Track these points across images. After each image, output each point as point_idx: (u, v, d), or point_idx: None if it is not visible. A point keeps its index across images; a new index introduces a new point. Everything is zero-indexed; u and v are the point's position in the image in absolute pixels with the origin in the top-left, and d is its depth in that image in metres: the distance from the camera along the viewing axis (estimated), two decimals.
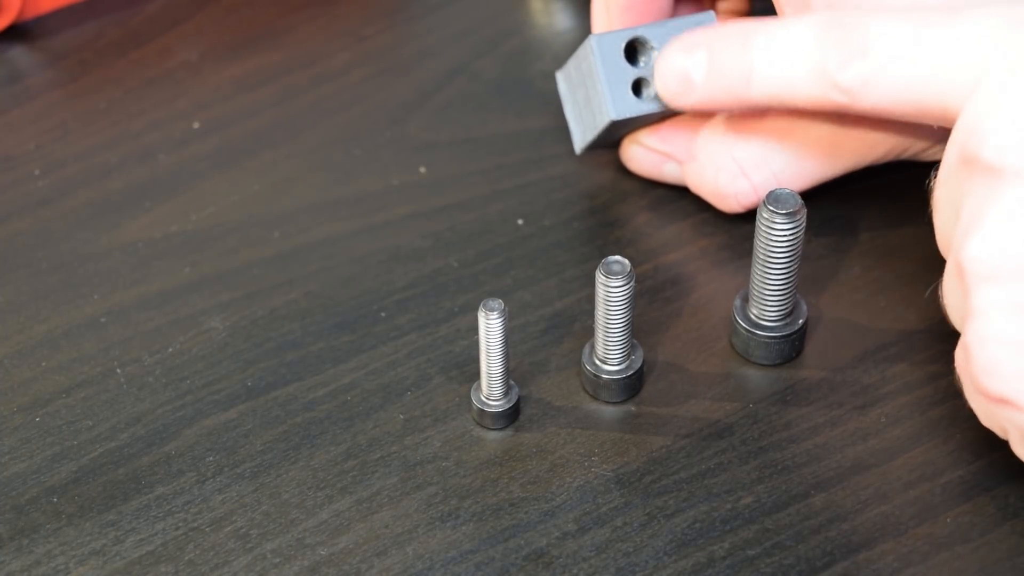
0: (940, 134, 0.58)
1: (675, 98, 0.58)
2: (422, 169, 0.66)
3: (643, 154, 0.63)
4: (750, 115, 0.60)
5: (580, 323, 0.60)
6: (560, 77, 0.63)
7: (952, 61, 0.51)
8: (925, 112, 0.52)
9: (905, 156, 0.60)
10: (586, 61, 0.60)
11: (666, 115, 0.61)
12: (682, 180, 0.62)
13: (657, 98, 0.60)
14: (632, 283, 0.54)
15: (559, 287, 0.61)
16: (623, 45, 0.60)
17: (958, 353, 0.51)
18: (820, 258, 0.62)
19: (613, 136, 0.62)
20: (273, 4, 0.74)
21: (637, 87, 0.60)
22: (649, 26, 0.60)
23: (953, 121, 0.51)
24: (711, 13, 0.60)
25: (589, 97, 0.61)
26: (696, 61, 0.57)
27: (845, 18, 0.53)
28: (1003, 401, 0.49)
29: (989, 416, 0.50)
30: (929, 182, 0.53)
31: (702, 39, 0.57)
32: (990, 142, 0.49)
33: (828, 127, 0.59)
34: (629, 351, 0.57)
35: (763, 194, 0.59)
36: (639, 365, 0.57)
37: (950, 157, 0.51)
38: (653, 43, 0.60)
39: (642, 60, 0.60)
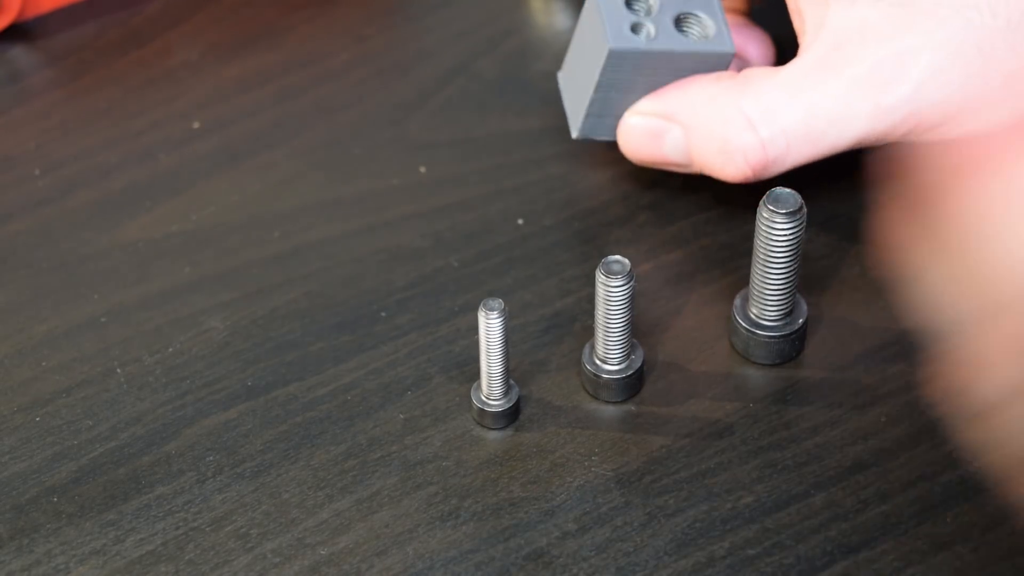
0: (955, 108, 0.58)
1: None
2: (422, 169, 0.66)
3: (643, 126, 0.61)
4: (760, 68, 0.60)
5: (580, 323, 0.60)
6: (560, 76, 0.63)
7: None
8: None
9: (918, 134, 0.59)
10: (588, 15, 0.61)
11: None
12: (685, 153, 0.61)
13: (655, 41, 0.60)
14: (632, 283, 0.54)
15: (559, 287, 0.61)
16: None
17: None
18: (820, 258, 0.62)
19: (610, 103, 0.61)
20: (273, 4, 0.74)
21: (634, 31, 0.60)
22: None
23: None
24: None
25: (588, 55, 0.61)
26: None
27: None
28: None
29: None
30: None
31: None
32: None
33: (842, 90, 0.58)
34: (629, 351, 0.57)
35: (771, 154, 0.58)
36: (639, 365, 0.57)
37: None
38: None
39: (639, 8, 0.60)
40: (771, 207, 0.55)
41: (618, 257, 0.54)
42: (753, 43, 0.67)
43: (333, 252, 0.63)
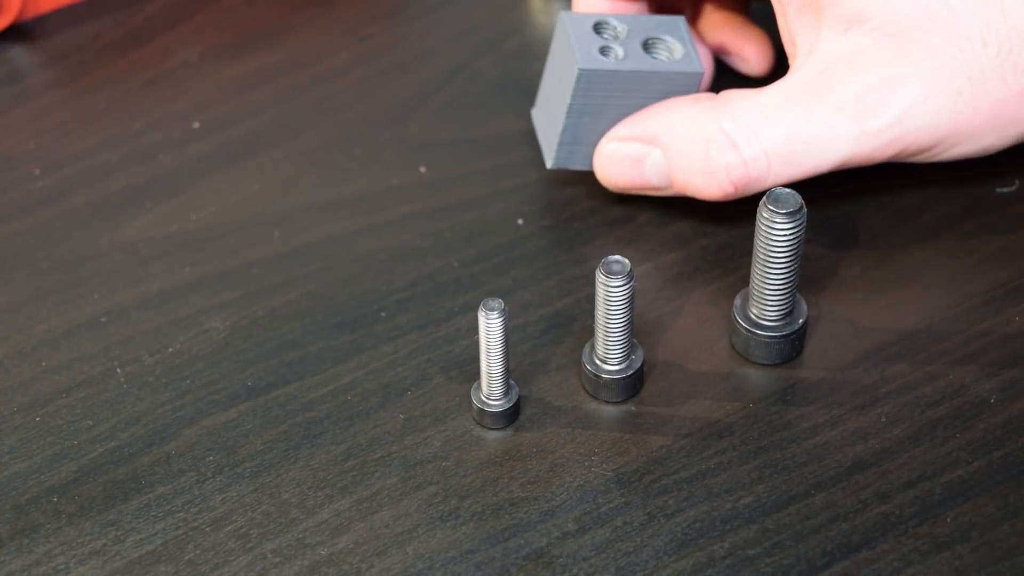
0: (942, 134, 0.58)
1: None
2: (422, 169, 0.66)
3: (622, 152, 0.61)
4: (741, 89, 0.60)
5: (580, 323, 0.60)
6: (534, 112, 0.64)
7: None
8: None
9: (904, 156, 0.59)
10: (558, 42, 0.61)
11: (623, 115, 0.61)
12: (665, 175, 0.61)
13: (623, 61, 0.60)
14: (632, 283, 0.54)
15: (559, 287, 0.61)
16: (591, 23, 0.61)
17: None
18: (820, 258, 0.62)
19: (583, 130, 0.61)
20: (273, 4, 0.74)
21: (603, 54, 0.61)
22: (618, 16, 0.62)
23: None
24: (682, 17, 0.62)
25: (559, 81, 0.61)
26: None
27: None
28: None
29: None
30: None
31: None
32: None
33: (826, 114, 0.58)
34: (629, 351, 0.57)
35: (753, 172, 0.59)
36: (639, 365, 0.57)
37: None
38: (616, 23, 0.61)
39: (607, 34, 0.61)
40: (771, 207, 0.55)
41: (618, 257, 0.54)
42: (751, 44, 0.67)
43: (333, 252, 0.63)
